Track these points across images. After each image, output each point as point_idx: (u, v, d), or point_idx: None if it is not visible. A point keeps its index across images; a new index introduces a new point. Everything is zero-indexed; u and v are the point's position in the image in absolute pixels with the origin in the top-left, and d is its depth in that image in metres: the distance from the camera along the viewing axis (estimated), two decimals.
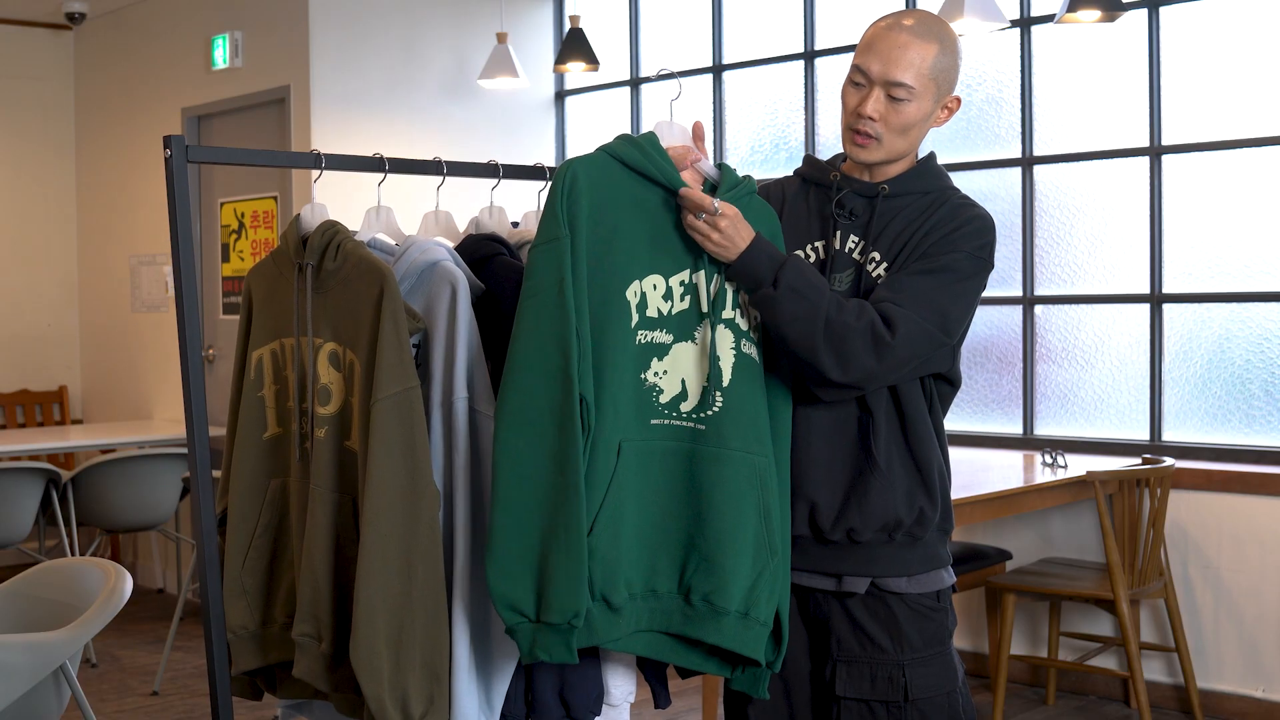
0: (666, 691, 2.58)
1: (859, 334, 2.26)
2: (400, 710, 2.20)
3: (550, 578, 2.14)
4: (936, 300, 2.32)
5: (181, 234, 2.39)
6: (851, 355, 2.26)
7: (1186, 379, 5.01)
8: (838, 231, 2.43)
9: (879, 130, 2.37)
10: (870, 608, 2.42)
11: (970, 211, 2.40)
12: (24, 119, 7.35)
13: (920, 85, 2.35)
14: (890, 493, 2.37)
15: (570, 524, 2.14)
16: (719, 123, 6.29)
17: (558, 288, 2.17)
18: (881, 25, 2.39)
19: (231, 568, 2.42)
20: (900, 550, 2.42)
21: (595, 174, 2.24)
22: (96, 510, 5.53)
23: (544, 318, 2.17)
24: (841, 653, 2.42)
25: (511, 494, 2.16)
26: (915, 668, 2.41)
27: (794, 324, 2.25)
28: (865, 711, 2.41)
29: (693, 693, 4.91)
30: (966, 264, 2.35)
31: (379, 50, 6.17)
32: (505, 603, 2.17)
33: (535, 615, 2.16)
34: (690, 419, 2.27)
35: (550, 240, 2.19)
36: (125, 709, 4.97)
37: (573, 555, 2.14)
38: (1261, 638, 4.70)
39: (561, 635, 2.16)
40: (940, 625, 2.46)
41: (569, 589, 2.13)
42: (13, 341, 7.34)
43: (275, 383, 2.45)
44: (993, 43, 5.41)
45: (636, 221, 2.26)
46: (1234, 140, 4.88)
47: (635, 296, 2.25)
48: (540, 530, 2.16)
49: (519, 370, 2.17)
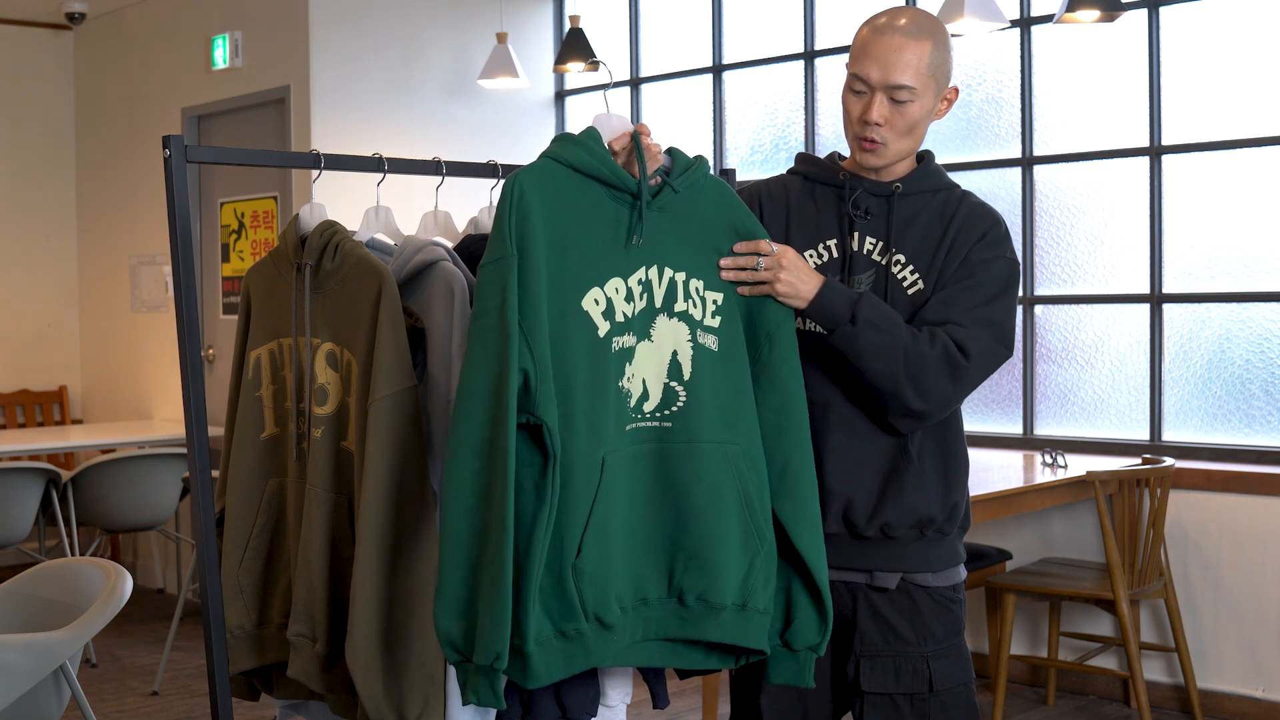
0: (665, 692, 2.58)
1: (936, 362, 2.29)
2: (395, 711, 2.20)
3: (477, 616, 2.06)
4: (994, 316, 2.37)
5: (181, 234, 2.39)
6: (931, 383, 2.30)
7: (1186, 379, 5.00)
8: (854, 232, 2.43)
9: (886, 135, 2.38)
10: (895, 602, 2.43)
11: (990, 215, 2.45)
12: (24, 119, 7.35)
13: (920, 84, 2.36)
14: (924, 488, 2.39)
15: (495, 561, 2.03)
16: (719, 123, 6.29)
17: (500, 311, 2.06)
18: (872, 29, 2.39)
19: (228, 568, 2.42)
20: (930, 546, 2.44)
21: (543, 184, 2.14)
22: (96, 510, 5.53)
23: (487, 342, 2.07)
24: (865, 648, 2.43)
25: (450, 527, 2.07)
26: (938, 659, 2.43)
27: (876, 358, 2.29)
28: (890, 706, 2.42)
29: (693, 693, 4.91)
30: (1005, 272, 2.41)
31: (379, 50, 6.17)
32: (445, 639, 2.09)
33: (468, 654, 2.08)
34: (655, 418, 2.21)
35: (495, 260, 2.09)
36: (125, 709, 4.97)
37: (496, 594, 2.03)
38: (1261, 638, 4.70)
39: (486, 677, 2.07)
40: (958, 617, 2.48)
41: (491, 629, 2.03)
42: (13, 341, 7.34)
43: (273, 383, 2.45)
44: (993, 43, 5.41)
45: (591, 226, 2.17)
46: (1234, 140, 4.88)
47: (600, 304, 2.16)
48: (471, 567, 2.07)
49: (462, 397, 2.09)
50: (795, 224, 2.48)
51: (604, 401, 2.14)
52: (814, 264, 2.45)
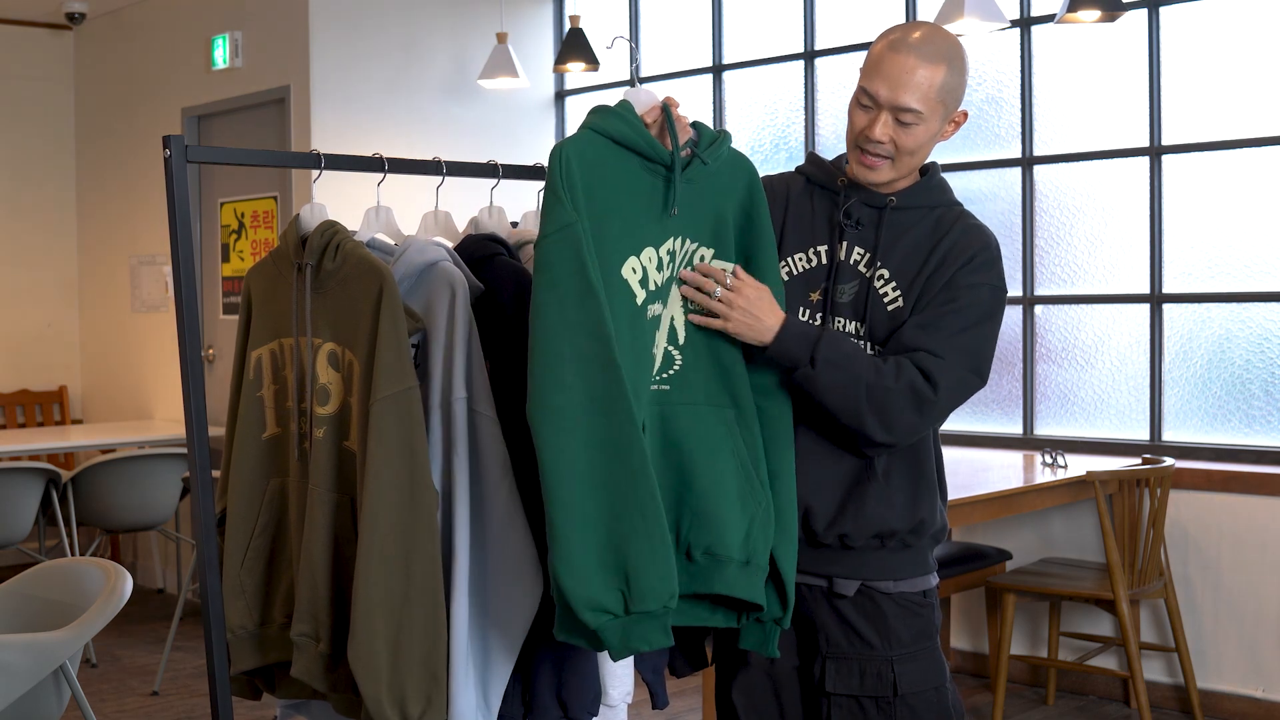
0: (665, 692, 2.58)
1: (900, 395, 2.29)
2: (398, 710, 2.20)
3: (636, 567, 2.09)
4: (970, 344, 2.34)
5: (181, 234, 2.39)
6: (895, 416, 2.29)
7: (1186, 379, 5.00)
8: (844, 241, 2.42)
9: (889, 152, 2.36)
10: (858, 606, 2.43)
11: (981, 238, 2.40)
12: (24, 119, 7.35)
13: (928, 109, 2.33)
14: (887, 503, 2.39)
15: (645, 509, 2.09)
16: (719, 123, 6.29)
17: (581, 274, 2.10)
18: (888, 44, 2.35)
19: (230, 568, 2.42)
20: (891, 555, 2.43)
21: (587, 154, 2.20)
22: (96, 510, 5.53)
23: (570, 307, 2.10)
24: (830, 649, 2.43)
25: (570, 495, 2.09)
26: (904, 663, 2.42)
27: (834, 395, 2.29)
28: (855, 707, 2.42)
29: (693, 693, 4.91)
30: (989, 299, 2.37)
31: (379, 50, 6.17)
32: (588, 605, 2.09)
33: (625, 609, 2.11)
34: (657, 381, 2.27)
35: (563, 227, 2.12)
36: (125, 709, 4.97)
37: (655, 539, 2.09)
38: (1261, 638, 4.70)
39: (657, 620, 2.14)
40: (928, 621, 2.47)
41: (659, 574, 2.10)
42: (13, 341, 7.34)
43: (274, 383, 2.45)
44: (993, 43, 5.41)
45: (628, 197, 2.22)
46: (1234, 140, 4.88)
47: (636, 272, 2.21)
48: (611, 524, 2.10)
49: (551, 367, 2.10)
50: (790, 225, 2.48)
51: (642, 368, 2.22)
52: (803, 268, 2.45)
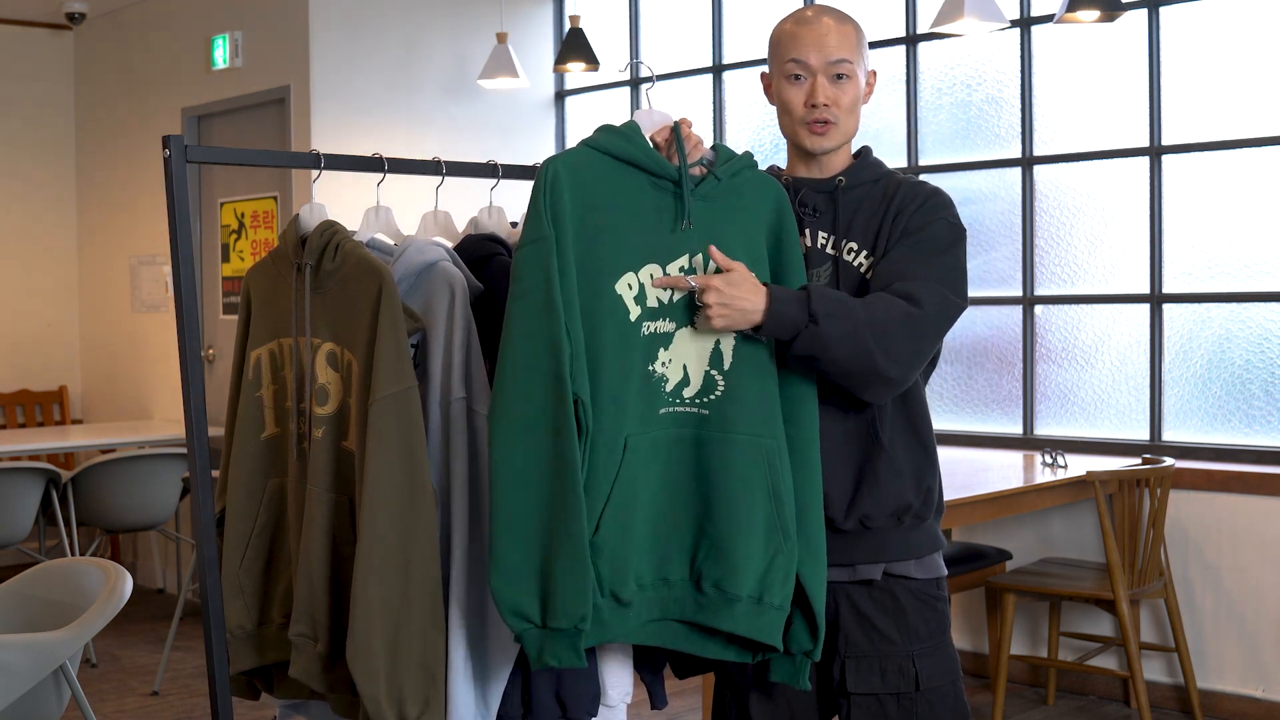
0: (664, 692, 2.58)
1: (894, 323, 2.28)
2: (396, 711, 2.20)
3: (554, 583, 2.13)
4: (940, 267, 2.36)
5: (181, 234, 2.39)
6: (898, 346, 2.28)
7: (1186, 379, 5.00)
8: (805, 230, 2.45)
9: (834, 115, 2.42)
10: (877, 599, 2.43)
11: (928, 187, 2.47)
12: (24, 119, 7.35)
13: (855, 59, 2.43)
14: (899, 476, 2.39)
15: (571, 528, 2.12)
16: (719, 123, 6.29)
17: (545, 288, 2.14)
18: (796, 21, 2.46)
19: (229, 568, 2.43)
20: (909, 533, 2.44)
21: (578, 169, 2.21)
22: (96, 510, 5.53)
23: (533, 319, 2.14)
24: (849, 649, 2.43)
25: (510, 500, 2.14)
26: (923, 658, 2.42)
27: (843, 344, 2.24)
28: (876, 706, 2.41)
29: (693, 693, 4.91)
30: (946, 232, 2.40)
31: (379, 50, 6.17)
32: (511, 609, 2.15)
33: (541, 621, 2.15)
34: (694, 404, 2.26)
35: (535, 240, 2.16)
36: (125, 709, 4.97)
37: (576, 559, 2.12)
38: (1261, 638, 4.70)
39: (568, 639, 2.15)
40: (943, 614, 2.48)
41: (573, 593, 2.12)
42: (13, 341, 7.34)
43: (273, 383, 2.45)
44: (993, 43, 5.41)
45: (629, 213, 2.23)
46: (1234, 140, 4.88)
47: (632, 289, 2.22)
48: (541, 536, 2.14)
49: (510, 375, 2.16)
50: None
51: (629, 383, 2.20)
52: None
